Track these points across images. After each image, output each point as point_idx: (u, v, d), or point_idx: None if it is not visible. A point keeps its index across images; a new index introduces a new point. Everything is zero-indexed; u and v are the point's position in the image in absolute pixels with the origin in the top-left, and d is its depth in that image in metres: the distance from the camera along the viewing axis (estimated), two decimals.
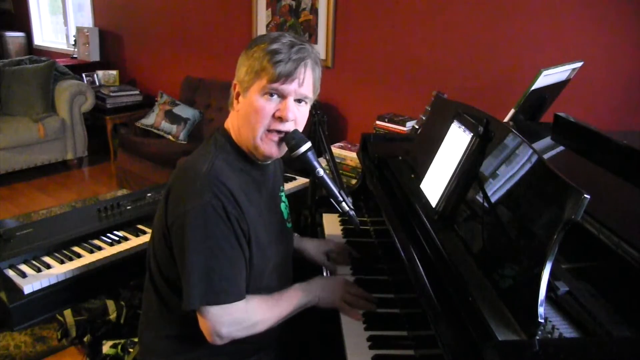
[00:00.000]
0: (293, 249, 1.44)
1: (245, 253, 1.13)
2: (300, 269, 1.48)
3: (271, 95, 1.11)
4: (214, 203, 1.06)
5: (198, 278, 1.06)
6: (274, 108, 1.12)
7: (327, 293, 1.29)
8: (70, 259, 1.66)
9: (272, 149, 1.16)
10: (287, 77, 1.09)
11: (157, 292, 1.22)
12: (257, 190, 1.22)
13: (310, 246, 1.55)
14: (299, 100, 1.15)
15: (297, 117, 1.15)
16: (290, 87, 1.11)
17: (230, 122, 1.22)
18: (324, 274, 1.51)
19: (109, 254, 1.72)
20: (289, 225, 1.39)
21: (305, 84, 1.13)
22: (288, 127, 1.15)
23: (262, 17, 3.54)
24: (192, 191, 1.08)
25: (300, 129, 1.19)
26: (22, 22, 5.87)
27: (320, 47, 3.23)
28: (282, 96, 1.12)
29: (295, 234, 1.56)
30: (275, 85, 1.10)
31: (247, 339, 1.18)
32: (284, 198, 1.39)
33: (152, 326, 1.26)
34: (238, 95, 1.17)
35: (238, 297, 1.11)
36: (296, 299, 1.24)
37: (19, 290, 1.51)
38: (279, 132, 1.14)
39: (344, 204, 1.30)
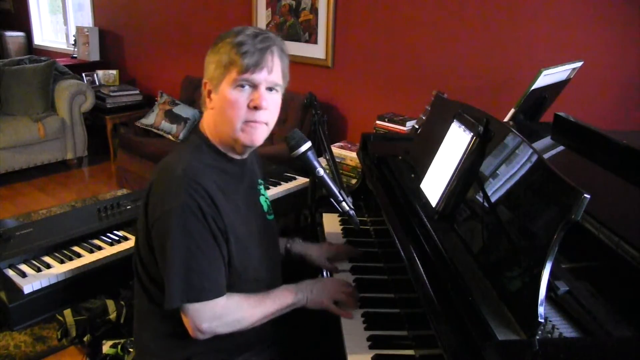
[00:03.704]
0: (278, 239, 1.45)
1: (223, 250, 1.15)
2: (302, 271, 1.48)
3: (242, 86, 1.13)
4: (190, 203, 1.08)
5: (178, 277, 1.08)
6: (247, 98, 1.14)
7: (315, 294, 1.29)
8: (70, 259, 1.66)
9: (252, 137, 1.17)
10: (256, 66, 1.12)
11: (145, 292, 1.23)
12: (235, 186, 1.23)
13: (313, 251, 1.55)
14: (270, 89, 1.17)
15: (270, 105, 1.17)
16: (261, 76, 1.13)
17: (205, 122, 1.23)
18: (325, 275, 1.51)
19: (108, 254, 1.72)
20: (271, 217, 1.39)
21: (275, 71, 1.16)
22: (264, 116, 1.17)
23: (262, 17, 3.54)
24: (169, 193, 1.10)
25: (274, 119, 1.21)
26: (22, 21, 5.87)
27: (320, 47, 3.23)
28: (254, 86, 1.14)
29: (298, 239, 1.57)
30: (246, 75, 1.12)
31: (240, 336, 1.20)
32: (263, 191, 1.39)
33: (145, 326, 1.27)
34: (210, 93, 1.19)
35: (217, 294, 1.13)
36: (282, 299, 1.25)
37: (19, 290, 1.51)
38: (255, 122, 1.16)
39: (344, 203, 1.30)
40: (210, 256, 1.12)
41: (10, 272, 1.57)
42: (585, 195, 0.82)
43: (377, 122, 2.74)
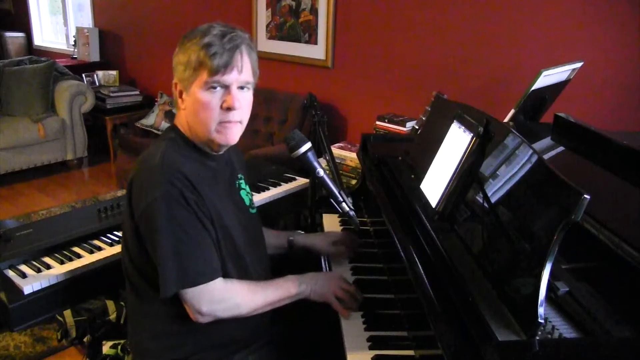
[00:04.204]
0: (263, 233, 1.45)
1: (212, 232, 1.16)
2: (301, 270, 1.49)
3: (214, 87, 1.14)
4: (171, 191, 1.09)
5: (170, 265, 1.09)
6: (220, 100, 1.15)
7: (320, 286, 1.29)
8: (70, 260, 1.66)
9: (227, 137, 1.18)
10: (226, 67, 1.12)
11: (137, 292, 1.23)
12: (214, 179, 1.24)
13: (317, 240, 1.56)
14: (241, 87, 1.17)
15: (242, 104, 1.18)
16: (231, 77, 1.14)
17: (179, 121, 1.25)
18: (324, 266, 1.52)
19: (108, 254, 1.71)
20: (253, 211, 1.39)
21: (244, 70, 1.16)
22: (238, 116, 1.18)
23: (262, 17, 3.54)
24: (150, 184, 1.11)
25: (247, 116, 1.21)
26: (22, 22, 5.87)
27: (320, 47, 3.23)
28: (225, 86, 1.14)
29: (300, 232, 1.57)
30: (216, 77, 1.12)
31: (237, 333, 1.21)
32: (243, 185, 1.39)
33: (140, 328, 1.27)
34: (181, 93, 1.20)
35: (212, 276, 1.13)
36: (285, 288, 1.25)
37: (19, 291, 1.51)
38: (229, 122, 1.17)
39: (344, 204, 1.30)
40: (199, 240, 1.13)
41: (11, 273, 1.57)
42: (585, 195, 0.82)
43: (377, 122, 2.74)
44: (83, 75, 4.60)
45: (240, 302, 1.18)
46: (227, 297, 1.16)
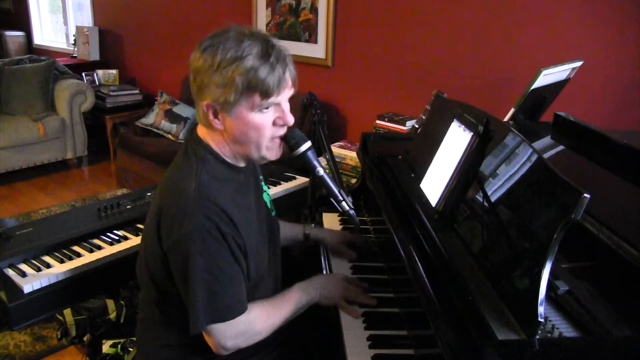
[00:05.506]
0: (280, 236, 1.44)
1: (242, 265, 1.14)
2: (300, 271, 1.49)
3: (267, 108, 1.11)
4: (207, 225, 1.06)
5: (202, 302, 1.07)
6: (273, 118, 1.13)
7: (327, 290, 1.30)
8: (70, 259, 1.66)
9: (278, 152, 1.19)
10: (279, 87, 1.09)
11: (157, 304, 1.22)
12: (244, 193, 1.22)
13: (329, 236, 1.58)
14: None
15: None
16: (285, 94, 1.12)
17: (208, 137, 1.17)
18: (324, 263, 1.53)
19: (108, 254, 1.72)
20: (274, 213, 1.40)
21: (293, 83, 1.15)
22: (286, 127, 1.17)
23: (262, 17, 3.54)
24: (184, 215, 1.07)
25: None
26: (22, 21, 5.87)
27: (320, 47, 3.23)
28: (277, 104, 1.12)
29: (311, 224, 1.61)
30: (271, 99, 1.09)
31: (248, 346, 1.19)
32: (264, 187, 1.39)
33: (151, 334, 1.26)
34: (216, 114, 1.11)
35: (241, 311, 1.12)
36: (296, 300, 1.25)
37: (19, 290, 1.51)
38: (280, 137, 1.17)
39: (343, 203, 1.30)
40: (231, 275, 1.11)
41: (10, 272, 1.57)
42: (585, 195, 0.82)
43: (377, 121, 2.74)
44: (83, 74, 4.60)
45: (261, 329, 1.18)
46: (249, 329, 1.16)
